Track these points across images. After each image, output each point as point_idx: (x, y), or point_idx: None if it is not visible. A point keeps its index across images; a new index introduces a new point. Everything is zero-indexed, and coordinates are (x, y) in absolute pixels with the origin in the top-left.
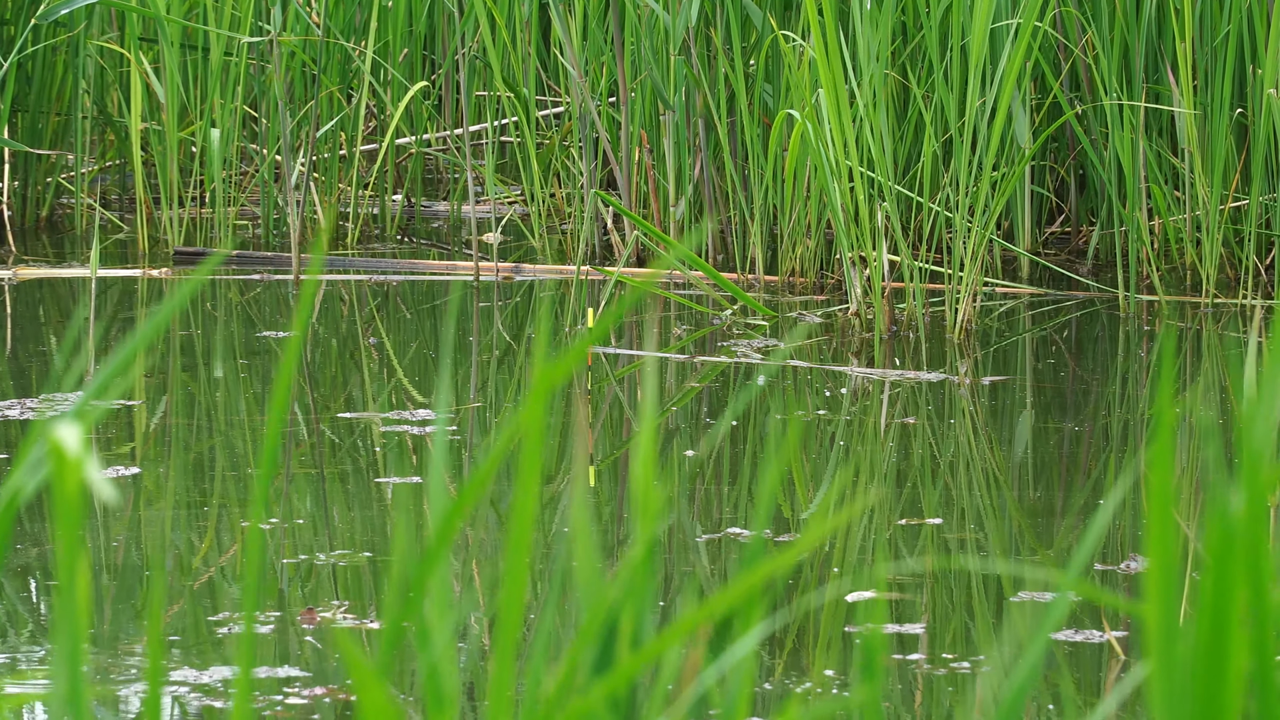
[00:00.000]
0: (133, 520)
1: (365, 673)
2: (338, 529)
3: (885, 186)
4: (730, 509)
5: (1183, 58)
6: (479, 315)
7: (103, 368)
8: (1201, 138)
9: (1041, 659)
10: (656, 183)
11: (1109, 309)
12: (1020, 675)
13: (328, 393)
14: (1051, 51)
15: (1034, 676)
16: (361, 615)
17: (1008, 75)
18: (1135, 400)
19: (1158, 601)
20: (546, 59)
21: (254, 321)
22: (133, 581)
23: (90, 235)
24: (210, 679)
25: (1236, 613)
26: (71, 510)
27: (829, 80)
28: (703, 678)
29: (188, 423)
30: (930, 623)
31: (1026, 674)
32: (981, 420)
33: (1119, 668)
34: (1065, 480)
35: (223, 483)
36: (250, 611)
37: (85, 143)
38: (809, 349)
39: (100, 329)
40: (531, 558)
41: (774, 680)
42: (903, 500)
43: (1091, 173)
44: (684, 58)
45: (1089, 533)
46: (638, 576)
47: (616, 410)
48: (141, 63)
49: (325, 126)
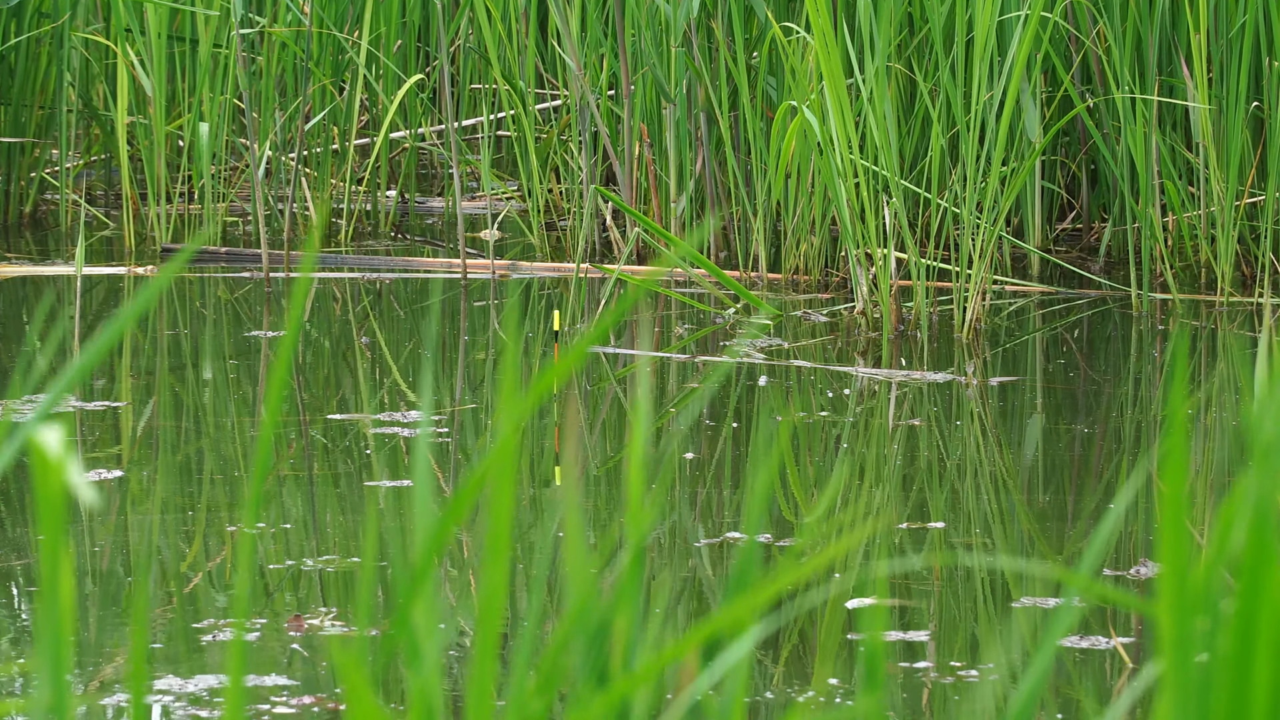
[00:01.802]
0: (116, 524)
1: (356, 681)
2: (326, 533)
3: (891, 182)
4: (730, 512)
5: (1197, 50)
6: (476, 314)
7: (68, 368)
8: (1216, 132)
9: (1049, 667)
10: (657, 178)
11: (1121, 308)
12: (1029, 684)
13: (319, 393)
14: (1062, 44)
15: (1042, 685)
16: (350, 622)
17: (1016, 65)
18: (1148, 401)
19: (1171, 608)
20: (544, 51)
21: (243, 320)
22: (116, 587)
23: (75, 232)
24: (196, 688)
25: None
26: (55, 515)
27: (829, 71)
28: (697, 686)
29: (174, 425)
30: (936, 629)
31: (1034, 683)
32: (990, 422)
33: (1126, 675)
34: (1076, 484)
35: (208, 486)
36: (241, 619)
37: (70, 137)
38: (814, 349)
39: (85, 328)
40: (515, 567)
41: (775, 688)
42: (908, 504)
43: (1104, 168)
44: (685, 50)
45: (1098, 536)
46: (628, 583)
47: (615, 412)
48: (128, 54)
49: (315, 119)
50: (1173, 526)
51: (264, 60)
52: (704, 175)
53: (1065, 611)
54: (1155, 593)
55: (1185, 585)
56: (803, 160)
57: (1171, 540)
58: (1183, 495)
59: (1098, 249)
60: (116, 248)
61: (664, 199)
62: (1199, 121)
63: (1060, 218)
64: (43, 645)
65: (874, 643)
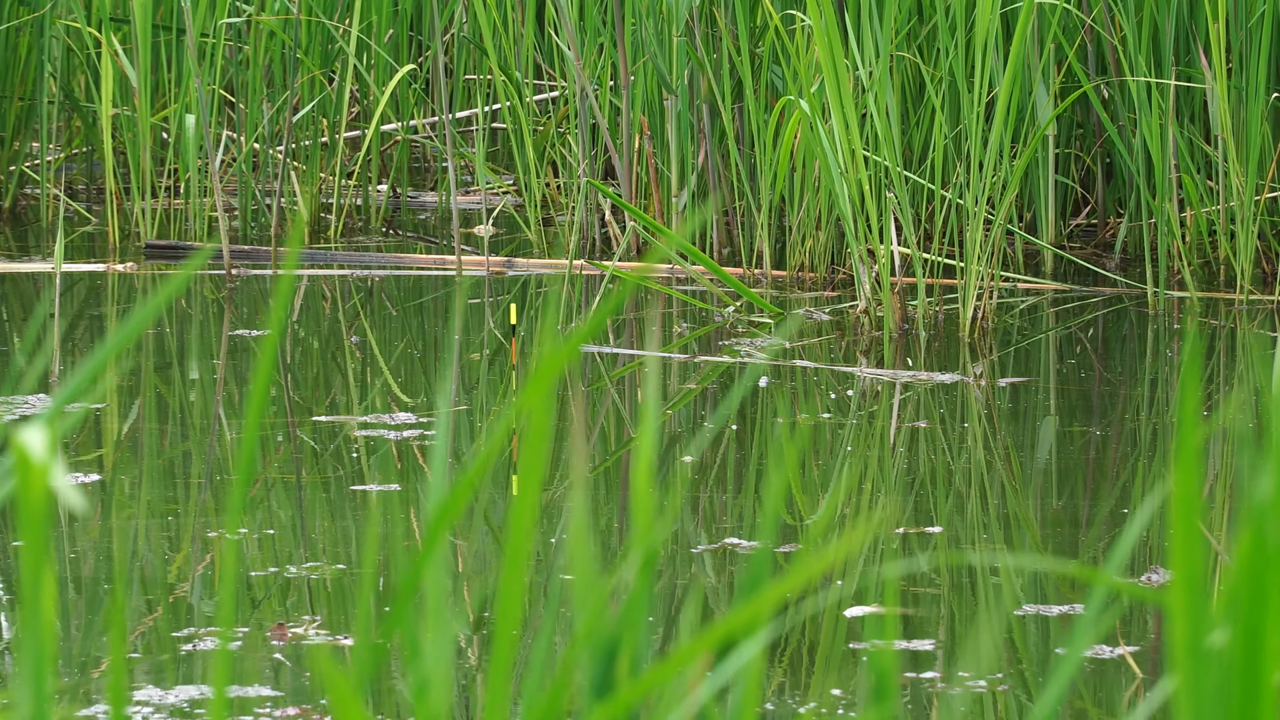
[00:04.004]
0: (98, 530)
1: (343, 691)
2: (310, 539)
3: (894, 173)
4: (729, 518)
5: (1215, 39)
6: (470, 312)
7: (72, 375)
8: (1235, 124)
9: (1070, 679)
10: (658, 172)
11: (1137, 306)
12: (1050, 698)
13: (308, 394)
14: (1076, 33)
15: (1062, 697)
16: (335, 631)
17: (1015, 37)
18: (1164, 403)
19: (1184, 616)
20: (541, 40)
21: (229, 319)
22: (96, 594)
23: (56, 228)
24: (176, 699)
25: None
26: (37, 523)
27: (828, 59)
28: (704, 695)
29: (158, 427)
30: (945, 639)
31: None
32: (998, 424)
33: (1134, 685)
34: (1091, 488)
35: (192, 491)
36: (227, 628)
37: (51, 129)
38: (817, 348)
39: (64, 327)
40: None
41: (777, 700)
42: (912, 510)
43: (1119, 161)
44: (687, 39)
45: (1116, 544)
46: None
47: (612, 413)
48: (112, 43)
49: (304, 110)
50: (1185, 532)
51: (250, 49)
52: (706, 169)
53: (1088, 621)
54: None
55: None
56: (807, 154)
57: (1184, 546)
58: (1196, 500)
59: (1113, 245)
60: (99, 244)
61: (665, 194)
62: (1218, 112)
63: (1074, 213)
64: (23, 660)
65: (882, 654)
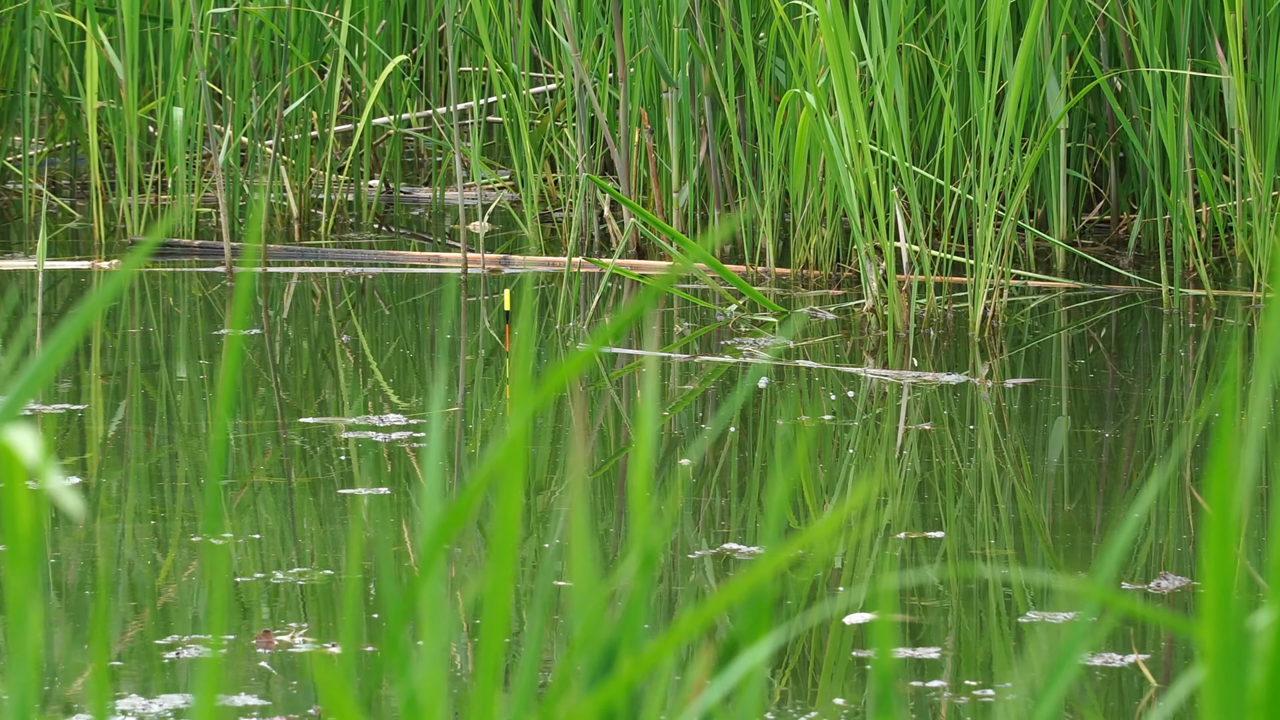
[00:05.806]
0: (81, 534)
1: (339, 698)
2: (298, 544)
3: (902, 167)
4: (729, 522)
5: (1232, 29)
6: (466, 310)
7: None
8: (1252, 117)
9: (1069, 686)
10: (658, 166)
11: (1151, 304)
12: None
13: (297, 395)
14: (1089, 23)
15: (1059, 706)
16: (322, 639)
17: (1028, 26)
18: (1179, 404)
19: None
20: (538, 31)
21: (217, 318)
22: (78, 601)
23: (38, 224)
24: (160, 708)
25: None
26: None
27: (834, 49)
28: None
29: (141, 428)
30: (952, 646)
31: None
32: (1007, 426)
33: (1149, 693)
34: (1103, 492)
35: (176, 495)
36: (217, 635)
37: (34, 122)
38: (822, 348)
39: (48, 326)
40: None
41: (779, 709)
42: (918, 513)
43: (1133, 155)
44: (688, 30)
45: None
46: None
47: (611, 414)
48: (97, 34)
49: (294, 103)
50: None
51: (238, 40)
52: (708, 163)
53: (1080, 627)
54: (1180, 607)
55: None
56: (813, 148)
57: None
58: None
59: (1126, 242)
60: (84, 241)
61: (665, 189)
62: (1234, 105)
63: (1087, 209)
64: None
65: (885, 661)
